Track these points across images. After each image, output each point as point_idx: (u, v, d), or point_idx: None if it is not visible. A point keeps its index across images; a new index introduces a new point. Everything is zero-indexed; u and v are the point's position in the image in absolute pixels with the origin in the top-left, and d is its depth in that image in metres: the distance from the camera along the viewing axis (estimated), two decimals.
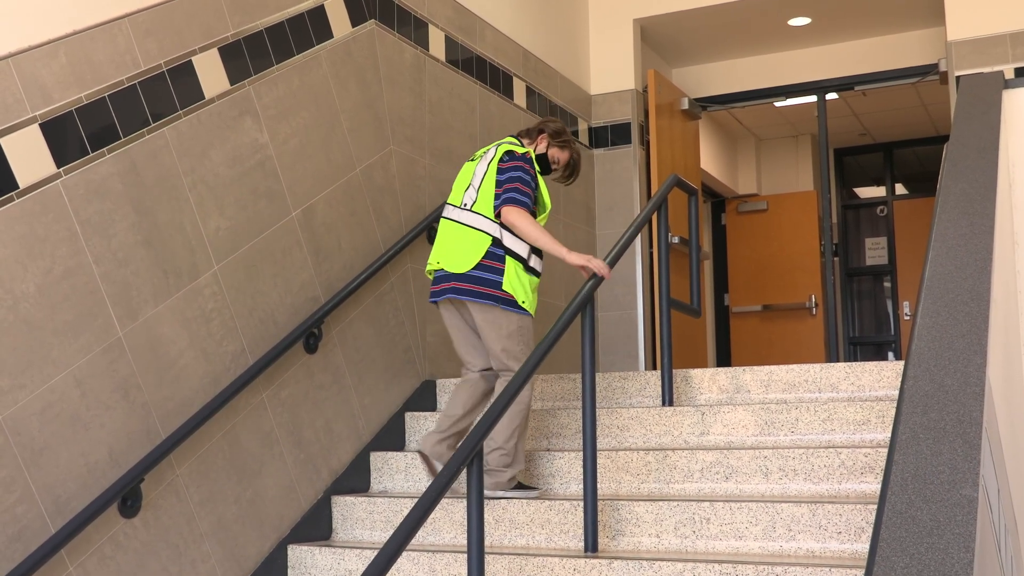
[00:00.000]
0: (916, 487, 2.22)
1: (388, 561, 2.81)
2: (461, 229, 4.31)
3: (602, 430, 4.60)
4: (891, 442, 2.42)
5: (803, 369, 4.67)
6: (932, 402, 2.51)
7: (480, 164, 4.39)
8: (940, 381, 2.59)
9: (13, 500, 3.26)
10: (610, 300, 7.23)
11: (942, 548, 2.03)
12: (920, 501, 2.17)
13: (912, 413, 2.48)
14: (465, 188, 4.37)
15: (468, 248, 4.25)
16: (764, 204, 9.94)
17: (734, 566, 3.50)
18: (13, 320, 3.31)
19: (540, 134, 4.51)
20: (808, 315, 9.56)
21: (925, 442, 2.36)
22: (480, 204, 4.29)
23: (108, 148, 3.70)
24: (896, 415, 2.52)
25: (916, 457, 2.32)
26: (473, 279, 4.21)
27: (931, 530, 2.08)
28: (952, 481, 2.22)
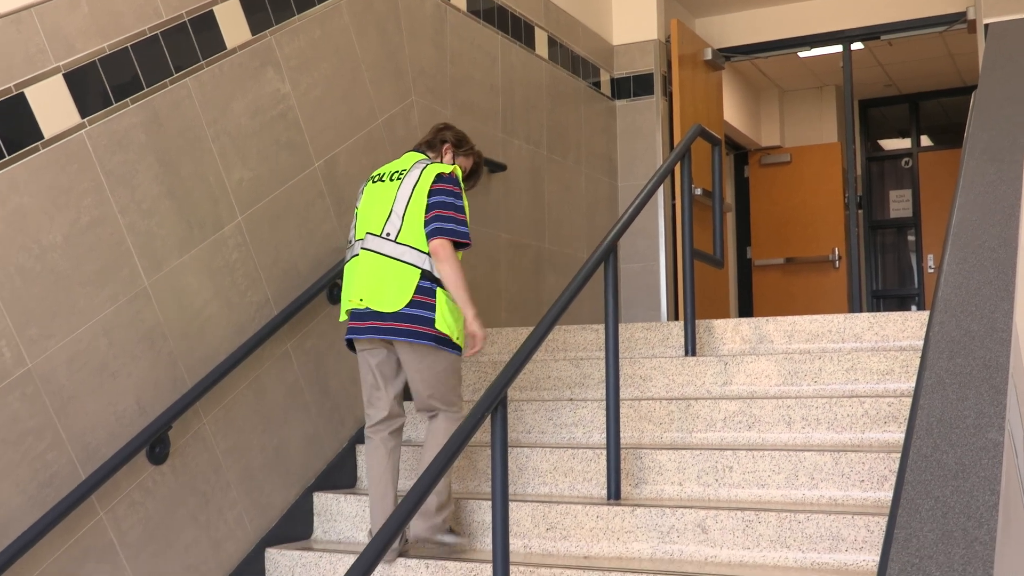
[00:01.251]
0: (941, 431, 2.22)
1: (413, 508, 2.83)
2: (385, 262, 3.81)
3: (625, 380, 4.60)
4: (916, 387, 2.42)
5: (826, 319, 4.66)
6: (958, 348, 2.51)
7: (403, 187, 3.87)
8: (967, 327, 2.58)
9: (44, 447, 3.30)
10: (632, 252, 7.22)
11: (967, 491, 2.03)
12: (945, 445, 2.18)
13: (938, 358, 2.48)
14: (385, 216, 3.86)
15: (396, 284, 3.78)
16: (787, 156, 9.86)
17: (756, 513, 3.51)
18: (40, 270, 3.34)
19: (443, 144, 4.11)
20: (831, 268, 9.52)
21: (951, 387, 2.36)
22: (406, 234, 3.81)
23: (131, 99, 3.71)
24: (922, 360, 2.51)
25: (942, 402, 2.32)
26: (405, 317, 3.76)
27: (956, 473, 2.08)
28: (978, 425, 2.22)
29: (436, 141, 4.11)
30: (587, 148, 6.98)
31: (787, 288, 9.70)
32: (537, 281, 6.30)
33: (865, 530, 3.36)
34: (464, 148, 4.16)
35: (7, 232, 3.25)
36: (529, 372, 4.83)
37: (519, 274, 6.11)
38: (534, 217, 6.30)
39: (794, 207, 9.70)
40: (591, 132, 7.06)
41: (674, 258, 7.26)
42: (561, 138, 6.65)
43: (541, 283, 6.34)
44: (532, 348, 3.43)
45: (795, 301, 9.50)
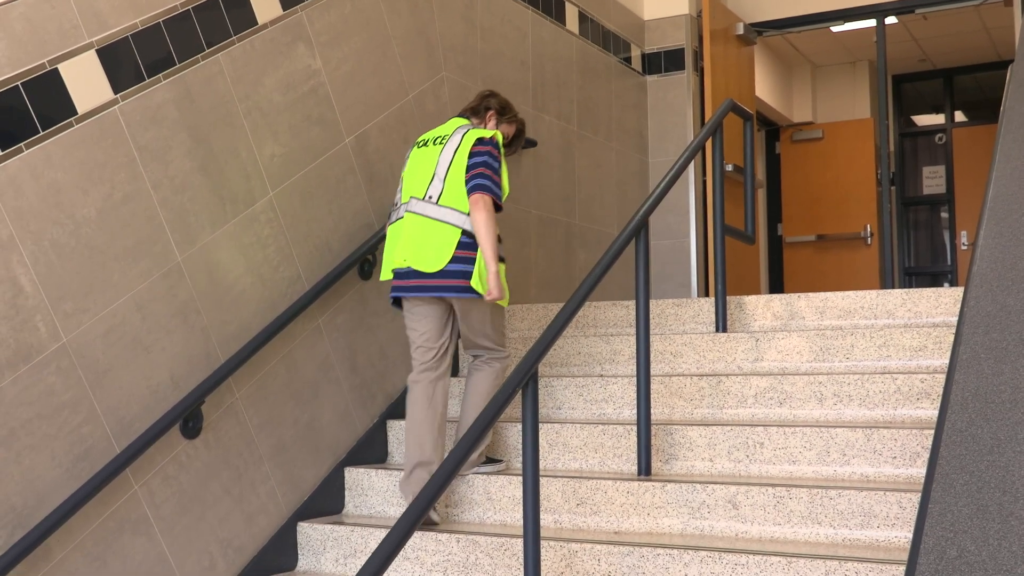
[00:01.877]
0: (977, 406, 2.21)
1: (445, 480, 2.84)
2: (428, 223, 3.96)
3: (655, 356, 4.60)
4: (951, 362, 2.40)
5: (859, 296, 4.63)
6: (994, 322, 2.48)
7: (445, 151, 4.03)
8: (1002, 302, 2.56)
9: (79, 421, 3.34)
10: (663, 228, 7.19)
11: (1003, 465, 2.01)
12: (981, 420, 2.16)
13: (974, 333, 2.45)
14: (428, 179, 4.02)
15: (437, 244, 3.93)
16: (819, 132, 9.78)
17: (788, 489, 3.50)
18: (75, 245, 3.37)
19: (488, 111, 4.23)
20: (863, 245, 9.44)
21: (986, 362, 2.34)
22: (448, 196, 3.96)
23: (164, 74, 3.72)
24: (956, 335, 2.49)
25: (977, 376, 2.30)
26: (448, 274, 3.93)
27: (992, 448, 2.07)
28: (1014, 400, 2.20)
29: (481, 108, 4.26)
30: (618, 124, 6.94)
31: (818, 265, 9.63)
32: (567, 257, 6.29)
33: (897, 506, 3.34)
34: (508, 115, 4.31)
35: (42, 207, 3.27)
36: (559, 348, 4.83)
37: (549, 250, 6.10)
38: (564, 193, 6.28)
39: (826, 184, 9.62)
40: (622, 108, 7.03)
41: (705, 234, 7.23)
42: (591, 114, 6.62)
43: (571, 259, 6.33)
44: (563, 324, 3.42)
45: (826, 278, 9.44)
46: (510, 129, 4.33)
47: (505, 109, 4.30)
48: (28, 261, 3.22)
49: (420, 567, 3.78)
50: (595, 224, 6.62)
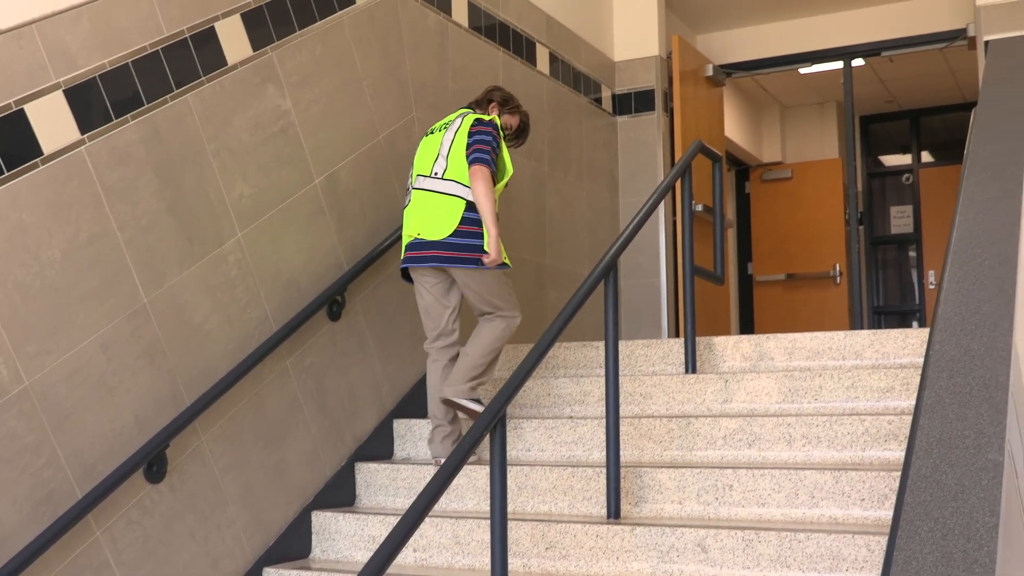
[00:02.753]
0: (941, 451, 2.21)
1: (411, 527, 2.82)
2: (434, 197, 4.37)
3: (625, 397, 4.59)
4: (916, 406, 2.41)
5: (827, 337, 4.65)
6: (958, 366, 2.50)
7: (447, 134, 4.46)
8: (966, 345, 2.58)
9: (41, 464, 3.29)
10: (634, 267, 7.21)
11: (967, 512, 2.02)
12: (945, 465, 2.16)
13: (938, 377, 2.47)
14: (433, 159, 4.44)
15: (444, 214, 4.32)
16: (789, 172, 9.87)
17: (757, 532, 3.50)
18: (40, 286, 3.33)
19: (491, 103, 4.64)
20: (832, 284, 9.51)
21: (951, 406, 2.35)
22: (451, 171, 4.37)
23: (132, 114, 3.71)
24: (922, 379, 2.50)
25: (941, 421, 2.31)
26: (454, 246, 4.30)
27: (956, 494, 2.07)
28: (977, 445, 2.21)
29: (484, 100, 4.66)
30: (589, 163, 6.98)
31: (788, 304, 9.69)
32: (538, 297, 6.29)
33: (866, 549, 3.34)
34: (509, 106, 4.65)
35: (6, 248, 3.24)
36: (529, 389, 4.83)
37: (520, 290, 6.09)
38: (535, 232, 6.30)
39: (795, 223, 9.70)
40: (593, 148, 7.06)
41: (675, 274, 7.25)
42: (563, 153, 6.65)
43: (543, 299, 6.33)
44: (532, 365, 3.42)
45: (796, 317, 9.49)
46: (513, 120, 4.65)
47: (507, 101, 4.65)
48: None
49: None
50: (566, 263, 6.64)
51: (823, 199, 9.60)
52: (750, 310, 9.92)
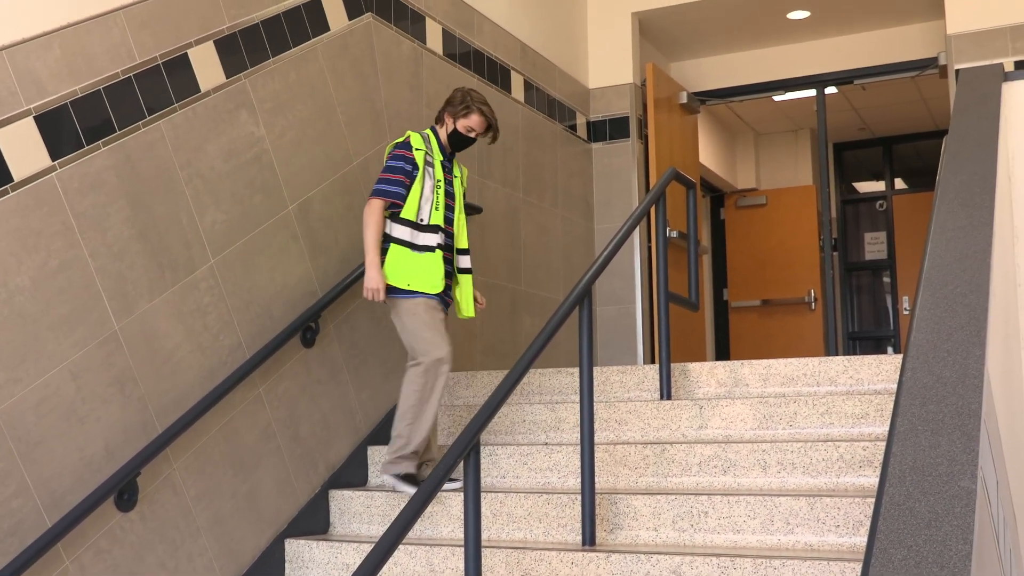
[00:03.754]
0: (914, 479, 2.21)
1: (385, 554, 2.80)
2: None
3: (600, 424, 4.58)
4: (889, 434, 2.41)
5: (802, 363, 4.66)
6: (931, 394, 2.50)
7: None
8: (939, 373, 2.58)
9: (9, 494, 3.24)
10: (608, 294, 7.22)
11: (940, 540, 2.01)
12: (918, 493, 2.16)
13: (911, 405, 2.47)
14: None
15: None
16: (763, 199, 9.92)
17: (732, 559, 3.48)
18: (8, 314, 3.30)
19: (444, 113, 4.52)
20: (807, 310, 9.55)
21: (923, 434, 2.35)
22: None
23: (103, 141, 3.69)
24: (894, 407, 2.51)
25: (914, 449, 2.31)
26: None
27: (929, 522, 2.07)
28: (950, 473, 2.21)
29: (441, 111, 4.57)
30: (563, 190, 6.99)
31: (764, 329, 9.72)
32: (513, 323, 6.28)
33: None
34: (454, 108, 4.48)
35: None
36: (504, 416, 4.81)
37: (495, 316, 6.09)
38: (510, 259, 6.30)
39: (770, 249, 9.74)
40: (567, 174, 7.08)
41: (650, 300, 7.26)
42: (537, 180, 6.66)
43: (517, 325, 6.32)
44: (506, 392, 3.41)
45: (772, 342, 9.52)
46: (470, 120, 4.45)
47: (453, 103, 4.49)
48: None
49: None
50: (541, 290, 6.63)
51: (798, 225, 9.66)
52: (726, 336, 9.94)
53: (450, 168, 4.54)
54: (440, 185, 4.43)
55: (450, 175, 4.53)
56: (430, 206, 4.36)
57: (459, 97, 4.47)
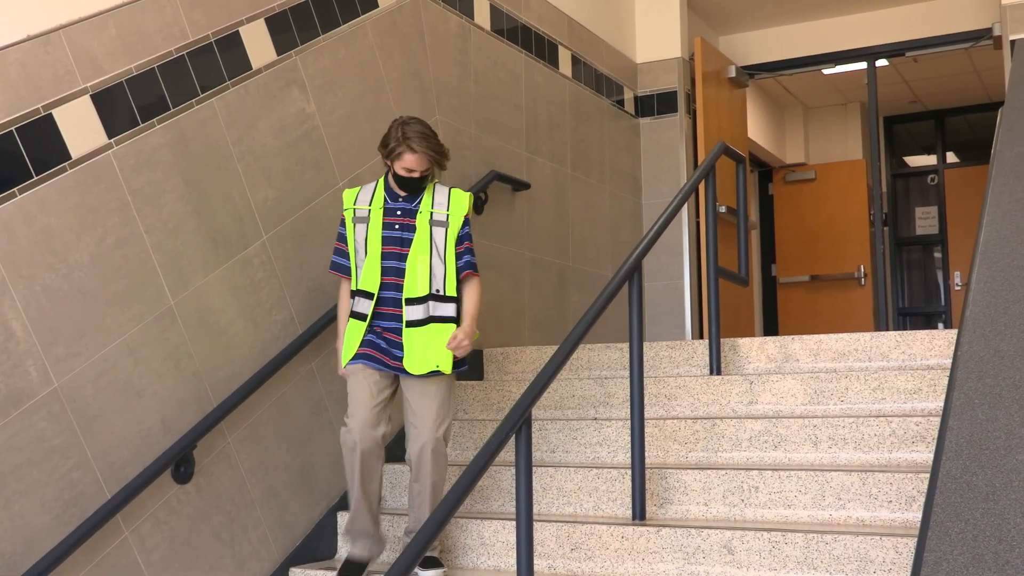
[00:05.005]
0: (971, 453, 2.20)
1: (438, 527, 2.83)
2: None
3: (649, 399, 4.58)
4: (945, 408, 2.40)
5: (853, 338, 4.63)
6: (987, 368, 2.48)
7: None
8: (995, 346, 2.56)
9: (70, 466, 3.31)
10: (657, 270, 7.19)
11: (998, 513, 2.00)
12: (975, 467, 2.15)
13: (967, 379, 2.45)
14: None
15: None
16: (812, 173, 9.83)
17: (783, 534, 3.48)
18: (68, 289, 3.36)
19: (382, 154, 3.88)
20: (856, 285, 9.46)
21: (980, 407, 2.33)
22: None
23: (158, 119, 3.73)
24: (950, 381, 2.49)
25: (971, 423, 2.29)
26: None
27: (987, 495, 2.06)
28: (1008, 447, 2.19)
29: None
30: (611, 166, 6.97)
31: (812, 305, 9.64)
32: (561, 299, 6.29)
33: (894, 551, 3.32)
34: (389, 149, 3.81)
35: (34, 252, 3.27)
36: (553, 391, 4.82)
37: (543, 293, 6.10)
38: (558, 235, 6.30)
39: (819, 224, 9.66)
40: (615, 150, 7.06)
41: (699, 276, 7.23)
42: (585, 156, 6.65)
43: (565, 302, 6.33)
44: (557, 367, 3.42)
45: (820, 318, 9.45)
46: (405, 160, 3.77)
47: (383, 142, 3.85)
48: (20, 305, 3.21)
49: None
50: (588, 266, 6.63)
51: (847, 200, 9.56)
52: (774, 312, 9.88)
53: (410, 207, 3.86)
54: (374, 237, 3.83)
55: (407, 217, 3.84)
56: (361, 268, 3.86)
57: (391, 135, 3.80)
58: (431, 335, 3.81)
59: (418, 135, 3.78)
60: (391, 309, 3.83)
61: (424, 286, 3.82)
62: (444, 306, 3.84)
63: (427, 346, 3.79)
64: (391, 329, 3.83)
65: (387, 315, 3.84)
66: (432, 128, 3.87)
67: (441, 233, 3.87)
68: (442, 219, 3.88)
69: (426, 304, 3.82)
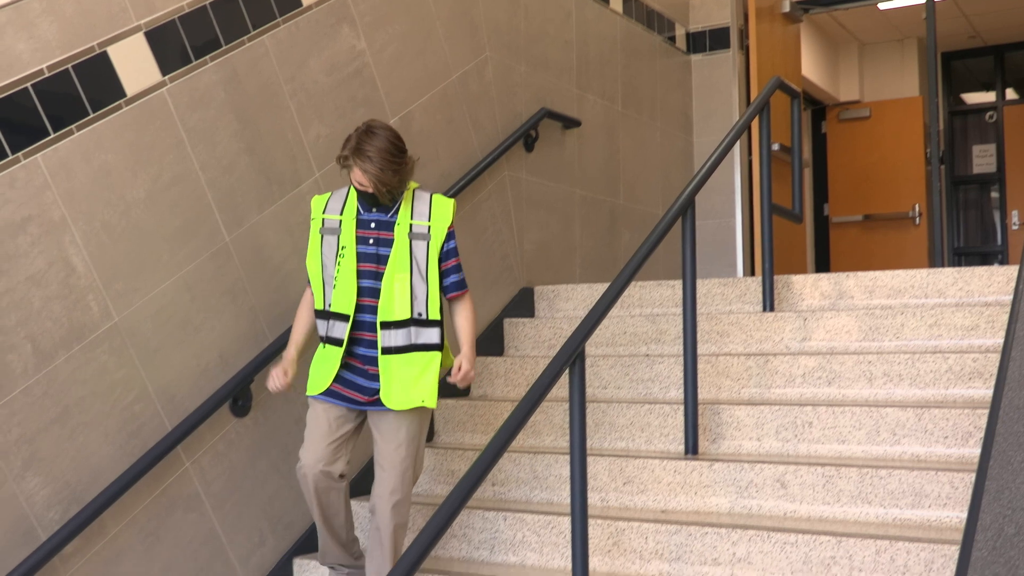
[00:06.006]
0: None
1: (491, 460, 2.85)
2: None
3: (702, 336, 4.56)
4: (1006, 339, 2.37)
5: (909, 275, 4.57)
6: None
7: None
8: None
9: (131, 399, 3.38)
10: (707, 209, 7.13)
11: None
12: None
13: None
14: None
15: None
16: (867, 111, 9.65)
17: (837, 469, 3.48)
18: (125, 226, 3.40)
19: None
20: (911, 225, 9.32)
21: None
22: None
23: (210, 56, 3.74)
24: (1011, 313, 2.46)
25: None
26: None
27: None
28: None
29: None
30: (662, 104, 6.89)
31: (865, 245, 9.52)
32: (611, 238, 6.26)
33: (949, 486, 3.31)
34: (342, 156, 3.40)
35: (93, 189, 3.31)
36: (605, 328, 4.82)
37: (593, 231, 6.08)
38: (609, 173, 6.26)
39: (873, 163, 9.50)
40: (666, 87, 6.97)
41: (750, 214, 7.17)
42: (635, 93, 6.58)
43: (615, 240, 6.30)
44: (610, 302, 3.42)
45: (873, 259, 9.33)
46: (354, 176, 3.39)
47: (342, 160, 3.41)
48: (80, 242, 3.26)
49: (467, 544, 3.80)
50: (639, 204, 6.59)
51: (902, 138, 9.39)
52: (826, 253, 9.77)
53: (386, 219, 3.46)
54: (347, 251, 3.42)
55: (383, 230, 3.44)
56: (332, 286, 3.43)
57: (349, 142, 3.37)
58: (412, 365, 3.40)
59: (375, 150, 3.31)
60: (369, 334, 3.42)
61: (404, 309, 3.39)
62: (428, 331, 3.42)
63: (408, 378, 3.40)
64: (369, 358, 3.43)
65: (365, 341, 3.42)
66: (397, 143, 3.38)
67: (422, 248, 3.44)
68: (423, 231, 3.45)
69: (407, 330, 3.40)
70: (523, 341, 5.02)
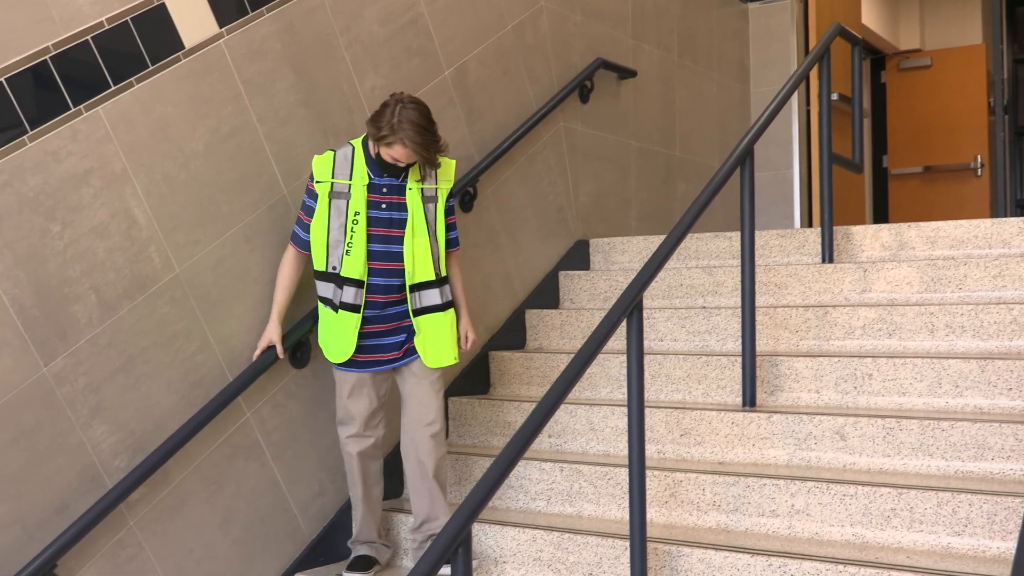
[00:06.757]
0: None
1: (548, 412, 2.84)
2: None
3: (759, 287, 4.53)
4: None
5: (972, 225, 4.48)
6: None
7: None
8: None
9: (193, 349, 3.42)
10: (764, 160, 7.04)
11: None
12: None
13: None
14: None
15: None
16: (928, 60, 9.44)
17: (898, 420, 3.44)
18: (185, 178, 3.43)
19: (369, 128, 3.48)
20: (973, 176, 9.14)
21: None
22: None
23: (266, 7, 3.74)
24: None
25: None
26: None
27: None
28: None
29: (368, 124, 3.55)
30: (718, 53, 6.79)
31: (925, 197, 9.36)
32: (667, 189, 6.21)
33: (1013, 438, 3.26)
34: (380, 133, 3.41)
35: (153, 141, 3.34)
36: (661, 280, 4.80)
37: (649, 182, 6.03)
38: (664, 124, 6.19)
39: (934, 113, 9.31)
40: (722, 37, 6.87)
41: (808, 165, 7.07)
42: (692, 43, 6.48)
43: (671, 191, 6.25)
44: (668, 252, 3.39)
45: (934, 210, 9.17)
46: (392, 151, 3.42)
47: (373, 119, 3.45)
48: (141, 193, 3.29)
49: (524, 495, 3.82)
50: (695, 156, 6.52)
51: (964, 87, 9.18)
52: (884, 204, 9.62)
53: (397, 182, 3.54)
54: (359, 217, 3.48)
55: (395, 194, 3.53)
56: (341, 251, 3.49)
57: (385, 117, 3.39)
58: (441, 323, 3.61)
59: (414, 127, 3.37)
60: (381, 296, 3.52)
61: (429, 270, 3.56)
62: (445, 289, 3.66)
63: (439, 337, 3.60)
64: (382, 318, 3.54)
65: (377, 303, 3.53)
66: (430, 116, 3.45)
67: (432, 210, 3.59)
68: (432, 194, 3.59)
69: (436, 290, 3.59)
70: (578, 294, 5.01)
